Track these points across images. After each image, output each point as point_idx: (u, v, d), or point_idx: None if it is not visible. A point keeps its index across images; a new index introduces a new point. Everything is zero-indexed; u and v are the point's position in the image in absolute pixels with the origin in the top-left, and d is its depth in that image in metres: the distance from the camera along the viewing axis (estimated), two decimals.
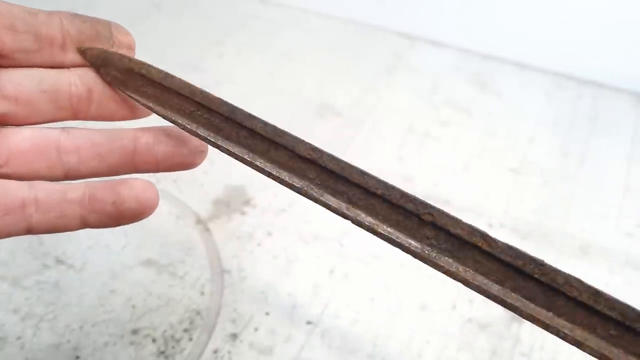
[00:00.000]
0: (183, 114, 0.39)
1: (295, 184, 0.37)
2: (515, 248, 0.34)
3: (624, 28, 1.02)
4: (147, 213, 0.39)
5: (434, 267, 0.34)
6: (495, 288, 0.33)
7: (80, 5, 1.16)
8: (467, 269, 0.34)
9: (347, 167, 0.35)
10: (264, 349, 0.62)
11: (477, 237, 0.33)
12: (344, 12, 1.20)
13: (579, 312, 0.32)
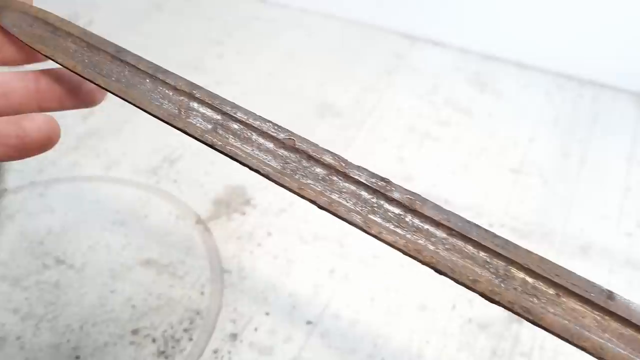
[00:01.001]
0: (74, 57, 0.41)
1: (163, 116, 0.39)
2: (364, 168, 0.36)
3: (624, 28, 1.02)
4: (49, 145, 0.40)
5: (288, 187, 0.36)
6: (350, 209, 0.35)
7: (80, 5, 1.16)
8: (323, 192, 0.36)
9: (220, 99, 0.38)
10: (264, 349, 0.62)
11: (331, 157, 0.36)
12: (344, 12, 1.20)
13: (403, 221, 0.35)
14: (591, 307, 0.32)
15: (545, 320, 0.31)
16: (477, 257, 0.33)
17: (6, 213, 0.74)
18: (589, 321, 0.31)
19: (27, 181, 0.79)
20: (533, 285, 0.32)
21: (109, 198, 0.78)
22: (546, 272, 0.32)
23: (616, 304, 0.31)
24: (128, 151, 0.85)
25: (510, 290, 0.32)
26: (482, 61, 1.11)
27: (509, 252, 0.33)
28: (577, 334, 0.31)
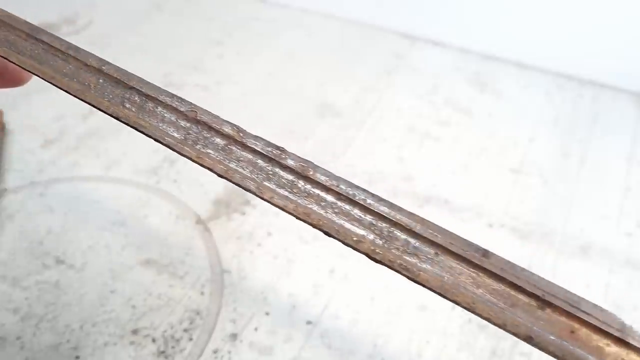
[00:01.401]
0: None
1: (73, 90, 0.40)
2: (261, 138, 0.38)
3: (624, 28, 1.02)
4: None
5: (188, 156, 0.38)
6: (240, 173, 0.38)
7: (80, 5, 1.17)
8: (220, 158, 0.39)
9: (127, 74, 0.39)
10: (264, 349, 0.62)
11: (230, 128, 0.38)
12: (344, 12, 1.20)
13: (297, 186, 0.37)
14: (467, 265, 0.34)
15: (422, 277, 0.35)
16: (363, 219, 0.35)
17: (6, 213, 0.74)
18: (465, 278, 0.34)
19: (27, 181, 0.79)
20: (414, 245, 0.35)
21: (109, 198, 0.78)
22: (427, 232, 0.35)
23: (491, 262, 0.34)
24: (128, 151, 0.85)
25: (392, 250, 0.35)
26: (482, 61, 1.11)
27: (394, 215, 0.35)
28: (450, 289, 0.34)
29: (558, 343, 0.32)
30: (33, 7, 1.14)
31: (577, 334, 0.32)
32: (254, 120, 0.90)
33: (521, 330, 0.33)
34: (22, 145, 0.84)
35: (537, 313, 0.33)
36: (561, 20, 1.05)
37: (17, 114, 0.89)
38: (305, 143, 0.89)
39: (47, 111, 0.90)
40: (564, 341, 0.32)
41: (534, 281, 0.33)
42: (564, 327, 0.32)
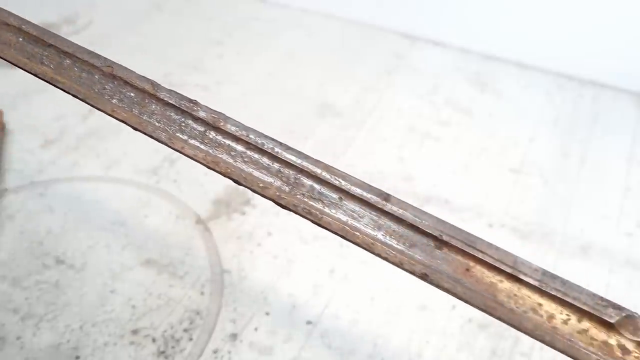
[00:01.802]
0: None
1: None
2: (175, 92, 0.40)
3: (624, 28, 1.02)
4: None
5: (102, 109, 0.40)
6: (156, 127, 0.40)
7: (80, 5, 1.17)
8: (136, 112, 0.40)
9: (46, 32, 0.40)
10: (264, 349, 0.62)
11: (145, 83, 0.40)
12: (344, 12, 1.20)
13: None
14: (369, 208, 0.36)
15: (324, 220, 0.36)
16: (271, 167, 0.37)
17: (6, 213, 0.74)
18: (367, 220, 0.36)
19: (27, 181, 0.79)
20: (319, 190, 0.36)
21: (109, 198, 0.78)
22: (332, 179, 0.36)
23: (392, 205, 0.35)
24: (128, 151, 0.85)
25: (297, 195, 0.36)
26: (482, 61, 1.11)
27: (300, 163, 0.37)
28: (351, 231, 0.35)
29: (453, 280, 0.34)
30: (33, 7, 1.14)
31: (472, 272, 0.34)
32: (254, 120, 0.90)
33: (417, 268, 0.34)
34: (22, 145, 0.84)
35: (434, 252, 0.35)
36: (561, 20, 1.05)
37: (17, 114, 0.89)
38: (306, 143, 0.89)
39: (47, 111, 0.90)
40: (459, 278, 0.34)
41: (433, 223, 0.35)
42: (459, 265, 0.34)
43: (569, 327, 0.33)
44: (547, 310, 0.33)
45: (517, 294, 0.34)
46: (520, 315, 0.34)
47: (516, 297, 0.34)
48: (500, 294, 0.34)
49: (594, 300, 0.33)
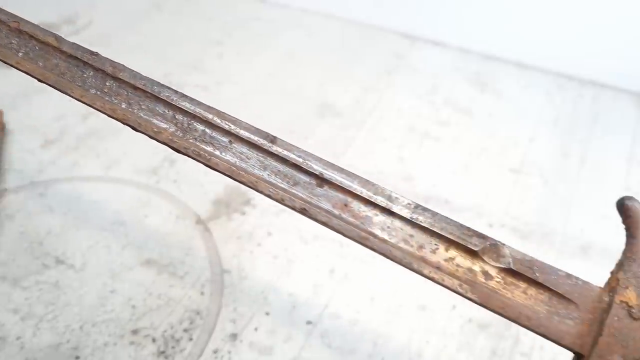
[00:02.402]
0: None
1: None
2: (77, 44, 0.42)
3: (624, 28, 1.02)
4: None
5: (10, 63, 0.41)
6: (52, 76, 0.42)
7: (80, 5, 1.16)
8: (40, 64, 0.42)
9: None
10: (264, 349, 0.62)
11: (49, 37, 0.41)
12: (344, 12, 1.20)
13: None
14: (256, 150, 0.38)
15: (212, 161, 0.38)
16: (166, 114, 0.40)
17: (6, 213, 0.74)
18: (254, 161, 0.38)
19: (27, 181, 0.79)
20: (211, 135, 0.39)
21: (109, 198, 0.78)
22: (223, 123, 0.39)
23: (278, 147, 0.38)
24: (128, 151, 0.85)
25: (189, 139, 0.39)
26: (482, 61, 1.11)
27: (193, 109, 0.39)
28: (237, 171, 0.38)
29: (329, 214, 0.37)
30: (33, 7, 1.14)
31: (350, 207, 0.37)
32: (254, 121, 0.90)
33: (297, 204, 0.37)
34: (22, 145, 0.84)
35: (315, 190, 0.38)
36: (561, 20, 1.05)
37: (17, 114, 0.89)
38: (306, 143, 0.89)
39: (47, 111, 0.90)
40: (337, 212, 0.37)
41: (315, 162, 0.38)
42: (338, 200, 0.37)
43: (437, 256, 0.36)
44: (417, 240, 0.36)
45: (390, 226, 0.37)
46: (391, 245, 0.36)
47: (389, 229, 0.37)
48: (375, 227, 0.37)
49: (460, 231, 0.37)
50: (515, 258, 0.36)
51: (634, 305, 0.33)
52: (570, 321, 0.34)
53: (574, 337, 0.34)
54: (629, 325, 0.33)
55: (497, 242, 0.36)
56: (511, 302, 0.35)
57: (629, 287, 0.34)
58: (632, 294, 0.34)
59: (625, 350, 0.32)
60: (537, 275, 0.35)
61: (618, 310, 0.33)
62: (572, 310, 0.34)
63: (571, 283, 0.35)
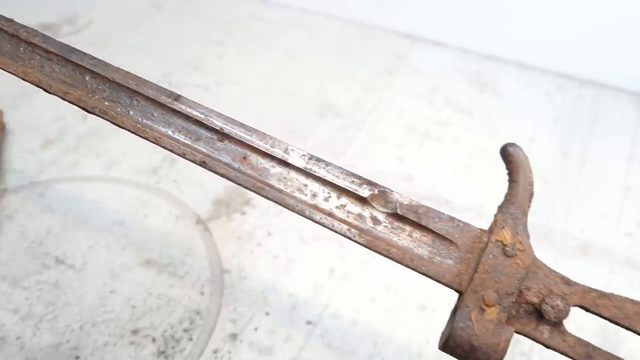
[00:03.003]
0: None
1: None
2: None
3: (624, 29, 1.02)
4: None
5: None
6: None
7: (80, 5, 1.17)
8: None
9: None
10: (264, 349, 0.62)
11: None
12: (344, 12, 1.20)
13: None
14: (161, 108, 0.40)
15: (118, 119, 0.40)
16: (78, 77, 0.41)
17: (6, 213, 0.74)
18: (158, 119, 0.40)
19: (27, 181, 0.79)
20: (118, 94, 0.41)
21: (109, 198, 0.78)
22: (128, 82, 0.41)
23: (180, 104, 0.40)
24: (128, 151, 0.85)
25: (97, 99, 0.41)
26: (482, 61, 1.11)
27: (102, 70, 0.41)
28: (141, 129, 0.40)
29: (228, 166, 0.39)
30: (33, 7, 1.14)
31: (249, 159, 0.39)
32: (254, 121, 0.90)
33: (197, 157, 0.39)
34: (22, 145, 0.84)
35: (216, 144, 0.39)
36: (561, 20, 1.05)
37: (17, 114, 0.89)
38: (306, 143, 0.89)
39: (47, 111, 0.90)
40: (236, 165, 0.39)
41: (216, 118, 0.40)
42: (237, 154, 0.39)
43: (330, 204, 0.38)
44: (311, 189, 0.38)
45: (286, 177, 0.39)
46: (286, 194, 0.38)
47: (285, 179, 0.39)
48: (272, 178, 0.39)
49: (351, 179, 0.38)
50: (402, 203, 0.37)
51: (508, 243, 0.36)
52: (450, 261, 0.36)
53: (453, 276, 0.36)
54: (503, 262, 0.35)
55: (386, 189, 0.38)
56: (396, 245, 0.36)
57: (505, 227, 0.38)
58: (508, 233, 0.37)
59: (498, 285, 0.34)
60: (422, 219, 0.37)
61: (493, 249, 0.36)
62: (453, 251, 0.36)
63: (453, 225, 0.37)
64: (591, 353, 0.33)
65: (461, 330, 0.33)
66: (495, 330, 0.33)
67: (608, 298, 0.35)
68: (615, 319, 0.34)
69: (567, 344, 0.33)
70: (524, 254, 0.36)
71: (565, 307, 0.33)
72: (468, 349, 0.33)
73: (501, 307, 0.33)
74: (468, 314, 0.33)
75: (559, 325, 0.34)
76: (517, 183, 0.39)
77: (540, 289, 0.35)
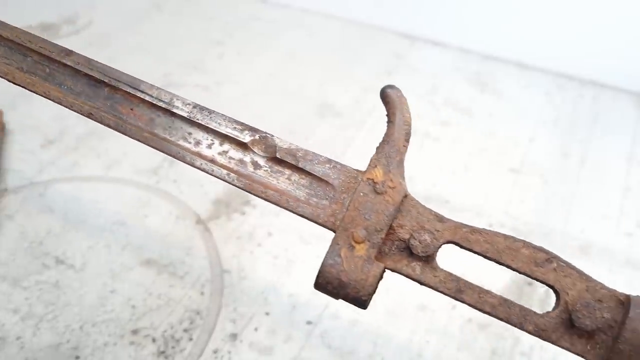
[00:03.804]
0: None
1: None
2: None
3: (624, 29, 1.02)
4: None
5: None
6: None
7: (80, 5, 1.16)
8: None
9: None
10: (264, 349, 0.62)
11: None
12: (344, 12, 1.20)
13: None
14: (53, 63, 0.42)
15: (10, 75, 0.41)
16: None
17: (6, 213, 0.74)
18: (48, 72, 0.42)
19: (27, 181, 0.79)
20: (11, 52, 0.42)
21: (109, 198, 0.78)
22: (21, 40, 0.42)
23: (72, 59, 0.41)
24: (128, 151, 0.85)
25: (15, 65, 0.42)
26: (482, 61, 1.11)
27: (8, 35, 0.42)
28: (32, 83, 0.42)
29: (116, 118, 0.40)
30: (33, 7, 1.14)
31: (135, 110, 0.40)
32: (254, 121, 0.90)
33: (84, 109, 0.40)
34: (22, 145, 0.84)
35: (104, 97, 0.41)
36: (561, 20, 1.05)
37: (17, 114, 0.89)
38: (306, 143, 0.88)
39: (47, 111, 0.90)
40: (123, 116, 0.40)
41: (104, 70, 0.41)
42: (125, 105, 0.40)
43: (212, 150, 0.39)
44: (195, 137, 0.39)
45: (171, 126, 0.39)
46: (171, 142, 0.39)
47: (170, 128, 0.39)
48: (158, 127, 0.39)
49: (233, 126, 0.38)
50: (282, 147, 0.38)
51: (378, 181, 0.37)
52: (326, 201, 0.37)
53: (327, 215, 0.37)
54: (373, 199, 0.36)
55: (267, 134, 0.39)
56: (274, 188, 0.38)
57: (377, 166, 0.38)
58: (379, 171, 0.38)
59: (367, 222, 0.35)
60: (299, 162, 0.38)
61: (364, 187, 0.36)
62: (329, 192, 0.37)
63: (330, 167, 0.38)
64: (462, 287, 0.34)
65: (330, 266, 0.35)
66: (364, 266, 0.35)
67: (479, 233, 0.36)
68: (486, 253, 0.35)
69: (438, 279, 0.35)
70: (394, 191, 0.37)
71: (432, 241, 0.34)
72: (337, 285, 0.35)
73: (370, 243, 0.35)
74: (338, 251, 0.35)
75: (430, 261, 0.35)
76: (393, 123, 0.39)
77: (413, 226, 0.36)
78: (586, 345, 0.33)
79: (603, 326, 0.32)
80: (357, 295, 0.34)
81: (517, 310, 0.34)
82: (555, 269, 0.37)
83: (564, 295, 0.34)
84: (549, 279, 0.36)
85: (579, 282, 0.36)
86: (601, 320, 0.32)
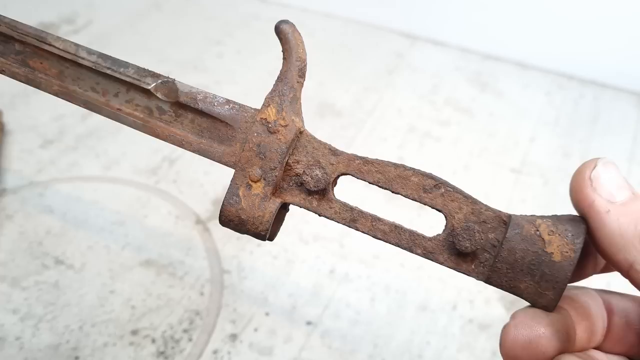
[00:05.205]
0: None
1: None
2: None
3: (624, 28, 1.02)
4: None
5: None
6: None
7: (80, 5, 1.16)
8: None
9: None
10: (264, 349, 0.62)
11: None
12: (344, 11, 1.20)
13: None
14: None
15: None
16: None
17: (6, 213, 0.74)
18: None
19: (27, 181, 0.79)
20: None
21: (109, 198, 0.77)
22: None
23: None
24: (128, 151, 0.84)
25: None
26: (482, 61, 1.11)
27: None
28: None
29: (27, 72, 0.40)
30: (33, 7, 1.14)
31: (45, 64, 0.40)
32: None
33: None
34: (21, 145, 0.84)
35: (14, 52, 0.40)
36: (562, 20, 1.05)
37: (17, 114, 0.89)
38: None
39: (46, 111, 0.90)
40: (34, 71, 0.40)
41: (12, 26, 0.40)
42: (36, 59, 0.40)
43: (119, 99, 0.39)
44: (103, 87, 0.40)
45: (79, 77, 0.40)
46: (81, 94, 0.39)
47: (79, 79, 0.40)
48: (67, 79, 0.40)
49: (137, 73, 0.40)
50: (183, 92, 0.39)
51: (271, 120, 0.38)
52: (226, 142, 0.38)
53: (228, 156, 0.37)
54: (267, 139, 0.37)
55: (169, 79, 0.40)
56: (177, 132, 0.38)
57: (270, 105, 0.39)
58: (272, 110, 0.39)
59: (262, 161, 0.36)
60: (199, 105, 0.38)
61: (258, 127, 0.38)
62: (229, 132, 0.38)
63: (229, 108, 0.39)
64: (355, 217, 0.36)
65: (230, 205, 0.35)
66: (261, 204, 0.35)
67: (372, 164, 0.38)
68: (379, 183, 0.38)
69: (333, 210, 0.36)
70: (286, 129, 0.38)
71: (323, 175, 0.36)
72: (238, 222, 0.36)
73: (266, 181, 0.36)
74: (237, 190, 0.36)
75: (326, 194, 0.36)
76: (286, 60, 0.39)
77: (309, 161, 0.38)
78: (471, 264, 0.35)
79: (486, 246, 0.35)
80: (257, 231, 0.35)
81: (407, 235, 0.36)
82: (443, 194, 0.39)
83: (450, 219, 0.37)
84: (437, 204, 0.38)
85: (465, 205, 0.39)
86: (480, 241, 0.35)
